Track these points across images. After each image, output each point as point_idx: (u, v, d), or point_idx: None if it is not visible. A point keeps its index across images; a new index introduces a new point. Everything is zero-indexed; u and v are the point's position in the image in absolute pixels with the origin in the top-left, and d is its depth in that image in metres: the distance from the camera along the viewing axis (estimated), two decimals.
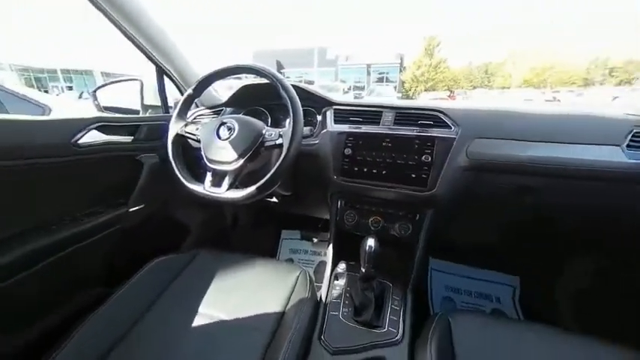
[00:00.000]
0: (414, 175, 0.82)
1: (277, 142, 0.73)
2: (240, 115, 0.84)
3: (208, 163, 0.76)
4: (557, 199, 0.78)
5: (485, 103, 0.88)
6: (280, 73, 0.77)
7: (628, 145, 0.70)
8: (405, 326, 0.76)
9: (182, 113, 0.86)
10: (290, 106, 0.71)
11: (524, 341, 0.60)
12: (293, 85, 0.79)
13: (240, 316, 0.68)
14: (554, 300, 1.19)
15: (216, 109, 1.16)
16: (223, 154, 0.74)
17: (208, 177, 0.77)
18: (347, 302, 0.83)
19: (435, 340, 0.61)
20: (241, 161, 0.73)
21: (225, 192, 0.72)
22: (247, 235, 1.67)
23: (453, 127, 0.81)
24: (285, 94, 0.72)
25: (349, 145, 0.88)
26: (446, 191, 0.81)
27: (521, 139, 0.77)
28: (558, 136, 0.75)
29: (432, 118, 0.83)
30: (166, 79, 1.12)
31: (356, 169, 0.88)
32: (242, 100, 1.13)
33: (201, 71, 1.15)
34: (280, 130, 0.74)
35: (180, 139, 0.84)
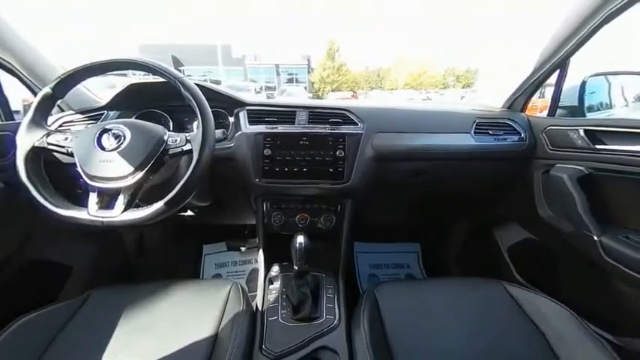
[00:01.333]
0: (331, 170, 0.89)
1: (185, 148, 0.63)
2: (132, 120, 0.70)
3: (90, 181, 0.60)
4: (438, 176, 1.01)
5: (382, 102, 1.04)
6: (179, 70, 0.67)
7: (475, 132, 0.96)
8: (340, 310, 0.81)
9: (38, 119, 0.64)
10: (196, 107, 0.63)
11: (430, 294, 0.74)
12: (197, 85, 0.71)
13: (163, 355, 0.58)
14: (444, 257, 1.53)
15: (93, 114, 0.93)
16: (111, 168, 0.59)
17: (93, 198, 0.60)
18: (284, 304, 0.83)
19: (366, 314, 0.67)
20: (140, 174, 0.60)
21: (121, 214, 0.59)
22: (158, 260, 1.42)
23: (359, 124, 0.91)
24: (189, 93, 0.63)
25: (268, 145, 0.87)
26: (360, 181, 0.91)
27: (410, 131, 0.95)
28: (434, 127, 0.96)
29: (341, 116, 0.92)
30: (8, 78, 0.83)
31: (277, 169, 0.88)
32: (131, 102, 0.94)
33: (63, 67, 0.89)
34: (187, 134, 0.65)
35: (39, 153, 0.63)
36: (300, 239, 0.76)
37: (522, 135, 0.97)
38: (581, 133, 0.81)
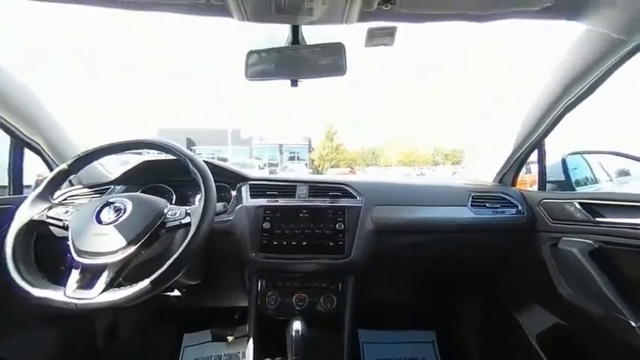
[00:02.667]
0: (331, 243, 0.86)
1: (183, 221, 0.63)
2: (136, 193, 0.72)
3: (77, 257, 0.57)
4: (438, 249, 0.98)
5: (378, 177, 1.10)
6: (191, 150, 0.73)
7: (472, 205, 0.97)
8: None
9: (46, 193, 0.66)
10: (201, 180, 0.65)
11: None
12: (205, 161, 0.76)
13: None
14: (464, 347, 1.31)
15: (100, 188, 0.96)
16: (103, 242, 0.57)
17: (74, 276, 0.56)
18: None
19: None
20: (132, 249, 0.58)
21: (98, 295, 0.53)
22: (131, 351, 1.21)
23: (358, 197, 0.93)
24: (196, 169, 0.67)
25: (267, 218, 0.87)
26: (361, 256, 0.87)
27: (409, 204, 0.96)
28: (432, 200, 0.99)
29: (341, 190, 0.95)
30: (29, 153, 0.90)
31: (275, 242, 0.85)
32: (140, 177, 0.99)
33: (85, 146, 0.98)
34: (187, 207, 0.66)
35: (34, 227, 0.62)
36: (297, 326, 0.67)
37: (520, 208, 0.98)
38: (577, 205, 0.83)
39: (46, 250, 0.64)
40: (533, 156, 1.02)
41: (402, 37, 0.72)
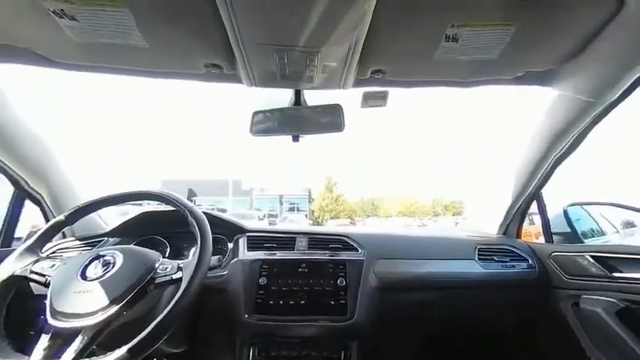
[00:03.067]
0: (332, 302, 0.79)
1: (174, 276, 0.59)
2: (128, 246, 0.69)
3: (50, 319, 0.51)
4: (450, 309, 0.90)
5: (380, 228, 1.08)
6: (191, 200, 0.73)
7: (479, 258, 0.93)
8: None
9: (36, 246, 0.64)
10: (198, 232, 0.63)
11: None
12: (204, 212, 0.76)
13: None
14: None
15: (93, 241, 0.93)
16: (84, 300, 0.52)
17: (42, 343, 0.49)
18: None
19: None
20: (113, 309, 0.52)
21: None
22: None
23: (359, 250, 0.90)
24: (194, 220, 0.65)
25: (264, 273, 0.82)
26: (365, 318, 0.79)
27: (413, 257, 0.92)
28: (437, 253, 0.95)
29: (341, 242, 0.92)
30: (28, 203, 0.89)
31: (271, 302, 0.79)
32: (135, 229, 0.96)
33: (86, 197, 0.98)
34: (180, 261, 0.62)
35: (13, 283, 0.58)
36: None
37: (530, 262, 0.93)
38: (590, 259, 0.79)
39: (18, 311, 0.59)
40: (534, 207, 1.02)
41: (396, 97, 0.79)
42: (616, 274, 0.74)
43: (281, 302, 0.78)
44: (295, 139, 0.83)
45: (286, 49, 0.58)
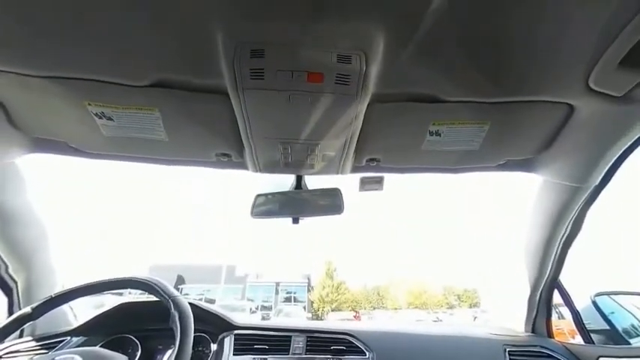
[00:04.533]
0: None
1: None
2: (91, 348, 0.58)
3: None
4: None
5: (389, 324, 0.94)
6: (178, 289, 0.65)
7: None
8: None
9: None
10: (178, 327, 0.54)
11: None
12: (190, 304, 0.67)
13: None
14: None
15: (52, 341, 0.79)
16: None
17: None
18: None
19: None
20: None
21: None
22: None
23: (367, 353, 0.75)
24: (177, 312, 0.57)
25: None
26: None
27: None
28: (459, 357, 0.80)
29: (345, 342, 0.79)
30: None
31: None
32: (106, 326, 0.83)
33: (63, 286, 0.89)
34: None
35: None
36: None
37: None
38: None
39: None
40: (557, 297, 0.92)
41: (393, 182, 0.84)
42: None
43: None
44: (295, 221, 0.83)
45: (290, 141, 0.66)
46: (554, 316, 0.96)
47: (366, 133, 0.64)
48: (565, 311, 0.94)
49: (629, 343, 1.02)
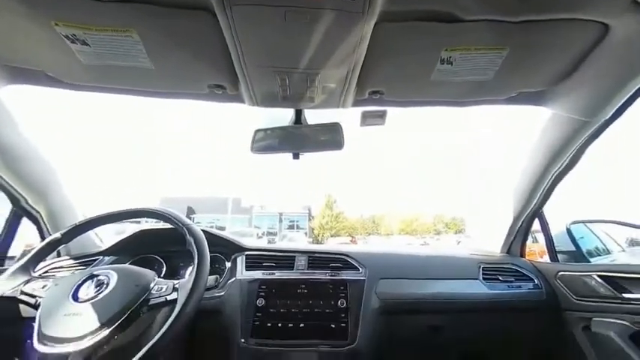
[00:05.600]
0: (333, 325, 0.76)
1: (169, 297, 0.57)
2: (123, 265, 0.67)
3: (37, 344, 0.49)
4: (456, 334, 0.86)
5: (381, 247, 1.06)
6: (190, 218, 0.72)
7: (483, 278, 0.90)
8: None
9: (29, 265, 0.62)
10: (196, 250, 0.62)
11: None
12: (202, 230, 0.75)
13: None
14: None
15: (88, 260, 0.91)
16: (73, 324, 0.50)
17: None
18: None
19: None
20: (104, 333, 0.50)
21: None
22: None
23: (360, 269, 0.87)
24: (192, 238, 0.64)
25: (262, 294, 0.79)
26: (368, 342, 0.75)
27: (416, 277, 0.89)
28: (440, 273, 0.92)
29: (342, 261, 0.90)
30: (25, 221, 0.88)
31: (269, 324, 0.76)
32: (131, 247, 0.95)
33: (84, 215, 0.97)
34: (176, 281, 0.60)
35: (3, 306, 0.56)
36: None
37: (536, 282, 0.91)
38: (598, 279, 0.77)
39: (5, 335, 0.56)
40: (537, 225, 1.01)
41: (395, 116, 0.81)
42: (626, 295, 0.72)
43: (279, 325, 0.75)
44: (295, 156, 0.83)
45: (287, 71, 0.60)
46: (529, 241, 1.07)
47: (370, 60, 0.58)
48: (540, 237, 1.05)
49: (589, 262, 1.18)
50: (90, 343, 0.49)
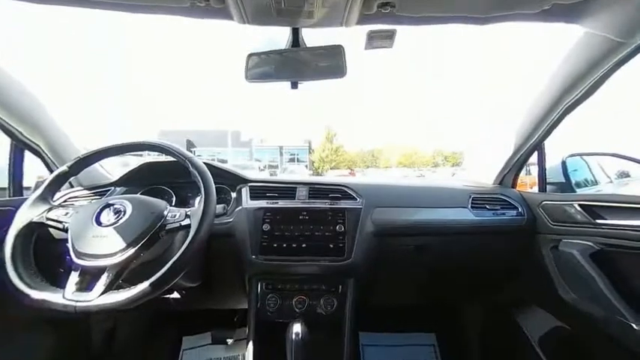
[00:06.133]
0: (331, 245, 0.86)
1: (183, 223, 0.63)
2: (136, 195, 0.72)
3: (76, 259, 0.56)
4: (441, 252, 0.97)
5: (378, 179, 1.11)
6: (190, 151, 0.73)
7: (472, 207, 0.97)
8: None
9: (46, 195, 0.66)
10: (201, 182, 0.65)
11: None
12: (205, 163, 0.76)
13: None
14: (464, 349, 1.31)
15: (101, 190, 0.96)
16: (104, 244, 0.57)
17: (73, 278, 0.56)
18: None
19: None
20: (131, 251, 0.57)
21: (97, 297, 0.53)
22: (129, 356, 1.21)
23: (358, 199, 0.93)
24: (196, 170, 0.66)
25: (267, 220, 0.87)
26: (361, 258, 0.86)
27: (409, 206, 0.96)
28: (432, 202, 0.99)
29: (340, 191, 0.95)
30: (29, 156, 0.89)
31: (275, 245, 0.85)
32: (140, 179, 0.98)
33: (85, 148, 0.98)
34: (187, 209, 0.65)
35: (34, 229, 0.62)
36: (297, 328, 0.67)
37: (520, 210, 0.98)
38: (578, 207, 0.83)
39: (45, 253, 0.64)
40: (534, 158, 1.02)
41: (402, 39, 0.72)
42: (599, 221, 0.78)
43: (284, 245, 0.85)
44: (294, 85, 0.78)
45: None
46: (522, 173, 1.10)
47: None
48: (534, 169, 1.08)
49: (575, 192, 1.24)
50: (121, 259, 0.56)
